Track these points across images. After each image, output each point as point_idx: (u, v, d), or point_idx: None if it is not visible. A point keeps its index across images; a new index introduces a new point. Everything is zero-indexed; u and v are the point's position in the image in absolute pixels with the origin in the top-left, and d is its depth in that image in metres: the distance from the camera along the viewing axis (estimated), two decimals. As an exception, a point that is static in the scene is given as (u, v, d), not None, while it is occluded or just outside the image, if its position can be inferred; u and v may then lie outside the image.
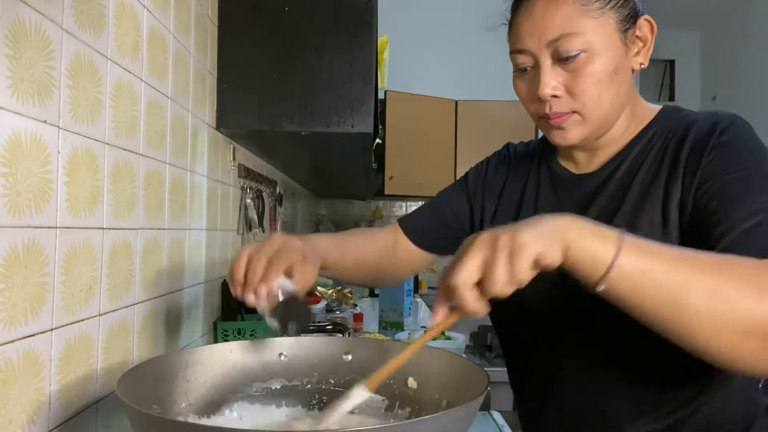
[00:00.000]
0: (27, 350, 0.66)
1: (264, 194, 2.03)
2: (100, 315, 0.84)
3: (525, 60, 0.82)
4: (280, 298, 0.71)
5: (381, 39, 2.01)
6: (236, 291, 0.74)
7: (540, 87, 0.80)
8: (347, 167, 2.28)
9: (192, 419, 0.74)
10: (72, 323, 0.76)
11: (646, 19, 0.82)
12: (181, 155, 1.19)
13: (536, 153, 1.00)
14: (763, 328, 0.57)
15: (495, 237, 0.58)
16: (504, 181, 1.01)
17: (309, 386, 0.84)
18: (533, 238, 0.57)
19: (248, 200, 1.77)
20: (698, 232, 0.74)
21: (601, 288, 0.59)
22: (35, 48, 0.67)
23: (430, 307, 3.18)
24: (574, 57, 0.77)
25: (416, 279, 3.34)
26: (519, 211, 0.96)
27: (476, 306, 0.59)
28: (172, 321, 1.16)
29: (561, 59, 0.78)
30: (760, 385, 0.95)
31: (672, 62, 5.69)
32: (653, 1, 0.90)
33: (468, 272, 0.58)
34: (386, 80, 2.71)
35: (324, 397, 0.84)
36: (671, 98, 5.70)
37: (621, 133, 0.87)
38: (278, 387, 0.83)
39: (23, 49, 0.65)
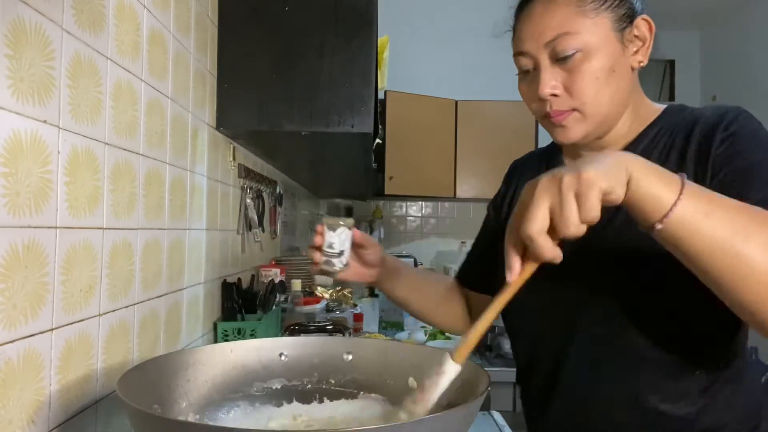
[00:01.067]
0: (27, 350, 0.66)
1: (264, 194, 2.03)
2: (100, 315, 0.84)
3: (526, 62, 0.85)
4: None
5: (381, 39, 2.01)
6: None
7: (540, 87, 0.82)
8: (347, 167, 2.28)
9: (192, 419, 0.74)
10: (72, 323, 0.76)
11: (643, 19, 0.83)
12: (181, 155, 1.19)
13: (543, 156, 1.03)
14: None
15: (558, 178, 0.57)
16: (515, 189, 1.06)
17: (309, 386, 0.84)
18: (598, 174, 0.56)
19: (248, 200, 1.77)
20: None
21: (658, 227, 0.59)
22: (35, 48, 0.67)
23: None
24: (571, 56, 0.80)
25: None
26: None
27: (554, 252, 0.58)
28: (172, 321, 1.16)
29: (559, 59, 0.81)
30: (763, 380, 0.94)
31: (672, 62, 5.69)
32: (653, 1, 0.90)
33: (540, 219, 0.57)
34: (386, 80, 2.71)
35: (324, 397, 0.84)
36: (671, 98, 5.70)
37: (625, 132, 0.88)
38: (279, 387, 0.83)
39: (23, 49, 0.65)
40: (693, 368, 0.81)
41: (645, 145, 0.86)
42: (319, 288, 2.52)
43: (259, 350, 0.84)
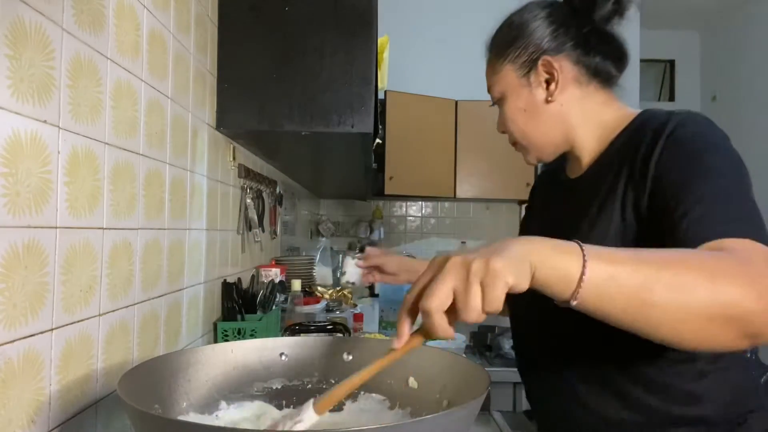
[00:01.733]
0: (27, 350, 0.66)
1: (264, 194, 2.03)
2: (100, 315, 0.84)
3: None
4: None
5: (381, 39, 2.01)
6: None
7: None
8: (347, 167, 2.28)
9: (193, 419, 0.74)
10: (72, 323, 0.76)
11: (542, 62, 0.94)
12: (181, 155, 1.19)
13: (553, 170, 1.14)
14: (722, 312, 0.60)
15: (467, 262, 0.57)
16: (536, 200, 1.19)
17: (310, 386, 0.84)
18: (505, 267, 0.56)
19: (248, 200, 1.77)
20: (656, 225, 0.80)
21: (574, 302, 0.60)
22: (35, 48, 0.67)
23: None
24: (497, 101, 1.02)
25: (416, 279, 3.33)
26: (539, 216, 1.13)
27: (447, 332, 0.58)
28: (172, 321, 1.16)
29: (494, 105, 1.04)
30: (762, 380, 0.97)
31: (672, 62, 5.69)
32: (654, 1, 0.91)
33: (441, 298, 0.57)
34: (386, 80, 2.71)
35: (324, 397, 0.84)
36: (671, 98, 5.70)
37: (595, 140, 0.97)
38: (279, 387, 0.83)
39: (23, 49, 0.65)
40: (672, 362, 0.86)
41: (611, 154, 0.93)
42: (319, 288, 2.52)
43: (260, 350, 0.84)
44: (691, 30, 5.55)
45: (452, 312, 0.57)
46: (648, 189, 0.82)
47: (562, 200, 1.03)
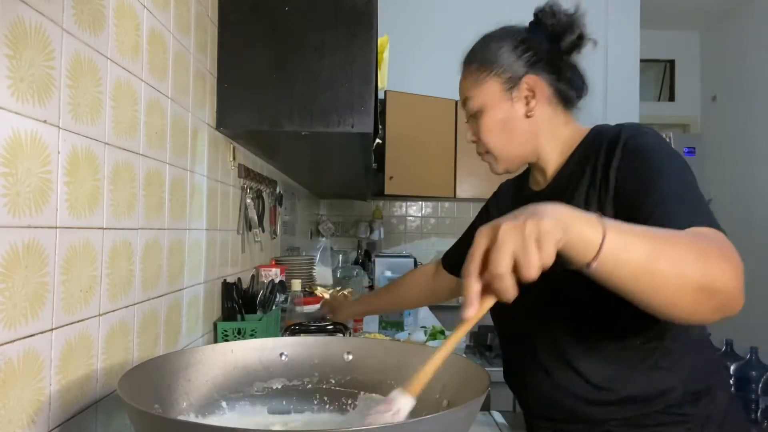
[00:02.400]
0: (27, 350, 0.66)
1: (264, 194, 2.03)
2: (100, 315, 0.84)
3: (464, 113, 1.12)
4: None
5: (381, 39, 2.01)
6: None
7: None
8: (347, 167, 2.28)
9: (193, 419, 0.74)
10: (72, 323, 0.76)
11: (526, 80, 1.03)
12: (181, 155, 1.19)
13: (516, 181, 1.24)
14: (709, 284, 0.69)
15: (520, 226, 0.62)
16: (496, 205, 1.28)
17: (310, 386, 0.84)
18: (553, 225, 0.62)
19: (248, 200, 1.77)
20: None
21: (593, 265, 0.66)
22: (35, 48, 0.67)
23: (430, 307, 3.18)
24: (474, 114, 1.08)
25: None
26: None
27: (515, 291, 0.63)
28: (172, 321, 1.16)
29: (469, 116, 1.10)
30: (762, 380, 1.02)
31: (672, 62, 5.69)
32: (654, 1, 0.91)
33: (507, 260, 0.61)
34: (386, 80, 2.71)
35: (325, 397, 0.84)
36: (671, 98, 5.70)
37: (557, 154, 1.06)
38: (279, 387, 0.83)
39: (23, 49, 0.65)
40: (641, 342, 0.95)
41: (571, 166, 1.03)
42: (319, 288, 2.52)
43: (260, 350, 0.84)
44: (691, 30, 5.55)
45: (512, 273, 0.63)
46: (611, 194, 0.92)
47: None
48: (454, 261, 1.45)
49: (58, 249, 0.72)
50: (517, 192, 1.21)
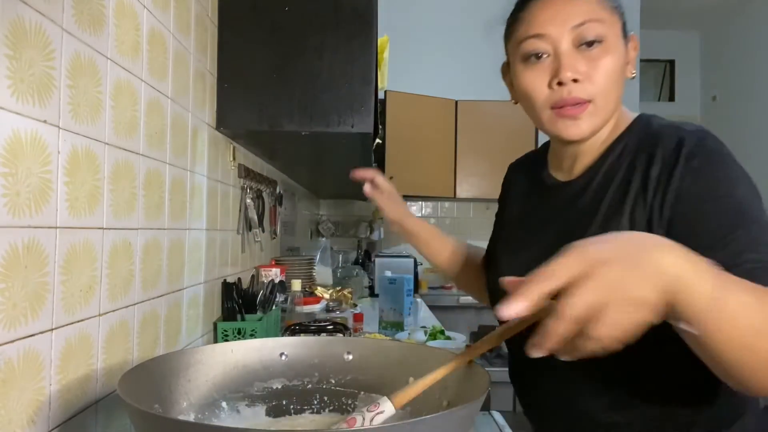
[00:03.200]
0: (27, 350, 0.66)
1: (264, 194, 2.03)
2: (100, 315, 0.84)
3: (541, 46, 0.83)
4: None
5: (381, 39, 2.01)
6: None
7: (562, 70, 0.81)
8: (347, 167, 2.28)
9: (193, 419, 0.74)
10: (72, 323, 0.76)
11: (633, 35, 0.88)
12: (181, 155, 1.19)
13: (530, 164, 1.05)
14: None
15: (615, 280, 0.50)
16: (506, 198, 1.11)
17: (310, 386, 0.84)
18: (652, 291, 0.50)
19: (248, 200, 1.77)
20: None
21: (683, 327, 0.55)
22: (35, 48, 0.67)
23: (431, 307, 3.17)
24: (598, 43, 0.81)
25: (416, 279, 3.34)
26: (513, 219, 1.05)
27: (557, 344, 0.51)
28: (172, 321, 1.16)
29: (583, 44, 0.81)
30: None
31: (672, 62, 5.70)
32: (654, 1, 0.92)
33: (582, 308, 0.49)
34: (386, 80, 2.71)
35: (325, 397, 0.84)
36: (671, 98, 5.71)
37: (603, 139, 0.89)
38: (279, 387, 0.83)
39: (23, 49, 0.65)
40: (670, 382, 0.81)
41: (613, 158, 0.86)
42: (319, 288, 2.52)
43: (260, 350, 0.84)
44: (691, 30, 5.55)
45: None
46: (665, 218, 0.76)
47: (550, 204, 0.95)
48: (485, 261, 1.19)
49: (58, 249, 0.72)
50: (535, 180, 1.01)
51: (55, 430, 0.73)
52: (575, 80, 0.81)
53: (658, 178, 0.78)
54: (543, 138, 0.94)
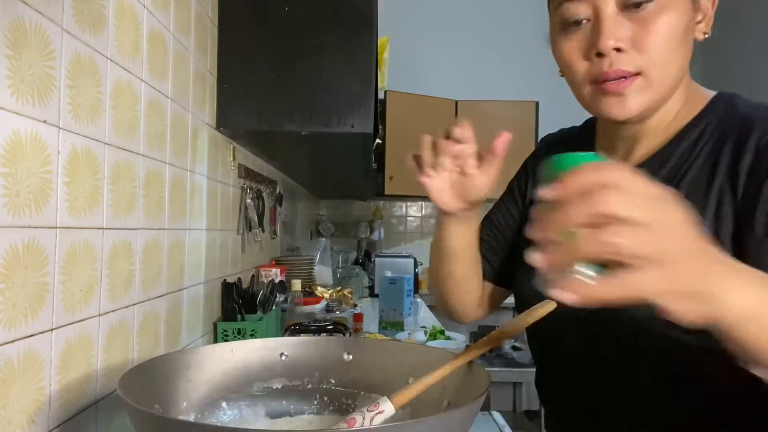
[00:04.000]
0: (27, 350, 0.66)
1: (264, 194, 2.03)
2: (100, 315, 0.84)
3: (579, 10, 0.70)
4: None
5: (381, 39, 2.01)
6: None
7: (601, 38, 0.67)
8: (347, 167, 2.28)
9: (193, 419, 0.74)
10: (72, 323, 0.76)
11: None
12: (181, 155, 1.19)
13: (570, 141, 0.89)
14: None
15: (657, 206, 0.42)
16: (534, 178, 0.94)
17: (310, 386, 0.84)
18: (695, 286, 0.42)
19: (248, 200, 1.77)
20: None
21: (728, 344, 0.47)
22: (35, 48, 0.67)
23: (431, 307, 3.17)
24: (648, 2, 0.67)
25: (416, 279, 3.34)
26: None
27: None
28: (172, 321, 1.16)
29: (629, 6, 0.67)
30: None
31: (672, 62, 5.69)
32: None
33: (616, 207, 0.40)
34: (386, 80, 2.71)
35: (325, 397, 0.84)
36: (671, 98, 5.70)
37: (670, 119, 0.75)
38: (279, 387, 0.83)
39: (23, 49, 0.65)
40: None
41: (689, 144, 0.73)
42: (319, 288, 2.52)
43: (260, 350, 0.84)
44: (691, 30, 5.55)
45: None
46: (760, 209, 0.64)
47: None
48: (499, 269, 0.98)
49: (58, 249, 0.72)
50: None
51: (55, 430, 0.73)
52: (618, 49, 0.68)
53: (750, 171, 0.66)
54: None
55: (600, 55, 0.69)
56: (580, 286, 0.41)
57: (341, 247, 4.19)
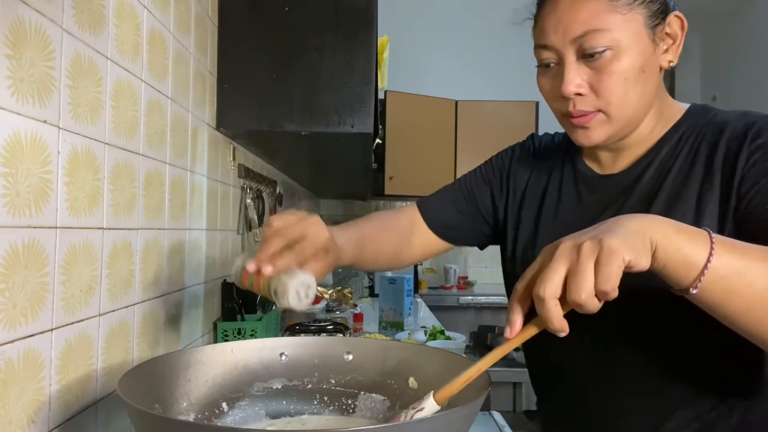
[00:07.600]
0: (27, 350, 0.66)
1: (264, 194, 2.03)
2: (100, 315, 0.84)
3: (549, 56, 0.81)
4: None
5: (381, 39, 2.01)
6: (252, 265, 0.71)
7: (564, 84, 0.78)
8: (347, 167, 2.28)
9: (193, 419, 0.74)
10: (72, 323, 0.76)
11: (676, 15, 0.80)
12: (181, 155, 1.19)
13: (561, 148, 0.98)
14: None
15: (578, 243, 0.54)
16: (528, 176, 1.00)
17: (310, 386, 0.84)
18: (621, 242, 0.52)
19: (248, 200, 1.77)
20: (749, 238, 0.68)
21: (693, 291, 0.57)
22: (35, 48, 0.67)
23: (431, 307, 3.18)
24: (600, 53, 0.76)
25: (416, 279, 3.34)
26: (541, 209, 0.95)
27: (560, 323, 0.55)
28: (172, 321, 1.16)
29: (586, 56, 0.77)
30: None
31: (672, 62, 5.69)
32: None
33: (555, 283, 0.53)
34: (386, 80, 2.71)
35: (325, 397, 0.84)
36: (671, 98, 5.70)
37: (648, 133, 0.85)
38: (279, 387, 0.83)
39: (23, 49, 0.65)
40: (720, 382, 0.80)
41: (668, 150, 0.83)
42: (319, 288, 2.52)
43: (260, 350, 0.84)
44: (691, 30, 5.54)
45: (567, 302, 0.54)
46: (732, 203, 0.74)
47: (596, 199, 0.89)
48: (439, 220, 1.05)
49: (58, 249, 0.72)
50: (568, 167, 0.95)
51: (55, 430, 0.73)
52: (579, 93, 0.78)
53: (724, 160, 0.76)
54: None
55: (564, 97, 0.80)
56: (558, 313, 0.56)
57: (341, 247, 4.18)
